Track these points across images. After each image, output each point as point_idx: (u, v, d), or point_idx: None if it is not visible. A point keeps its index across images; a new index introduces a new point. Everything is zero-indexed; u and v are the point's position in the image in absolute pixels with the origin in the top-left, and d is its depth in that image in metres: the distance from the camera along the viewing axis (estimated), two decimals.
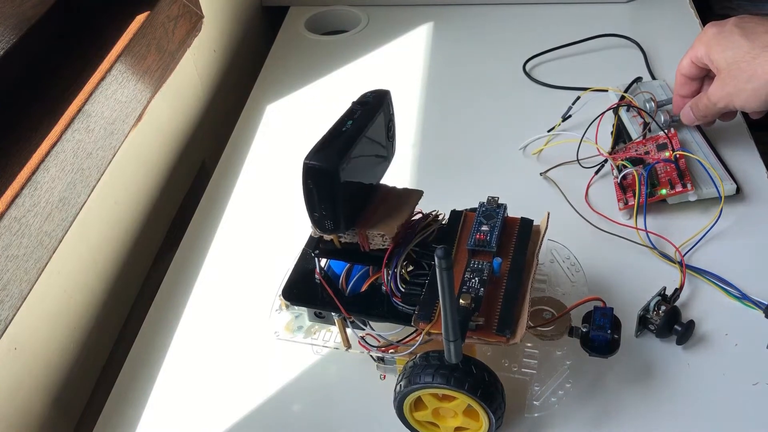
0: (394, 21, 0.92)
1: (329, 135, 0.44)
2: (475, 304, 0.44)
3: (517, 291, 0.46)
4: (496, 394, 0.44)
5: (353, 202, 0.46)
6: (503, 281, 0.46)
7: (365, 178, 0.47)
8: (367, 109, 0.46)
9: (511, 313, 0.45)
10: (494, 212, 0.50)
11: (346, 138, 0.44)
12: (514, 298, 0.45)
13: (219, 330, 0.57)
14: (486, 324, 0.44)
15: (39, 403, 0.53)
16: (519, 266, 0.47)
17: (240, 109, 0.80)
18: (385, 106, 0.47)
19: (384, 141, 0.48)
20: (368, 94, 0.47)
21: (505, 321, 0.44)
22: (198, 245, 0.65)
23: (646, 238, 0.59)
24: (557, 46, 0.83)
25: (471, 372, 0.43)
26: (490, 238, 0.48)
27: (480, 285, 0.46)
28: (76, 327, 0.58)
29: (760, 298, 0.54)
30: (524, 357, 0.49)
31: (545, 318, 0.50)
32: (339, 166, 0.42)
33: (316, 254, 0.49)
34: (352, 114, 0.46)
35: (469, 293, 0.45)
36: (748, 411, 0.48)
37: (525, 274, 0.47)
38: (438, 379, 0.43)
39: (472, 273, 0.47)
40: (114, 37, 0.65)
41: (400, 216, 0.47)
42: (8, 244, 0.48)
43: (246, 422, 0.51)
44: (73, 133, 0.56)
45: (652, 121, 0.66)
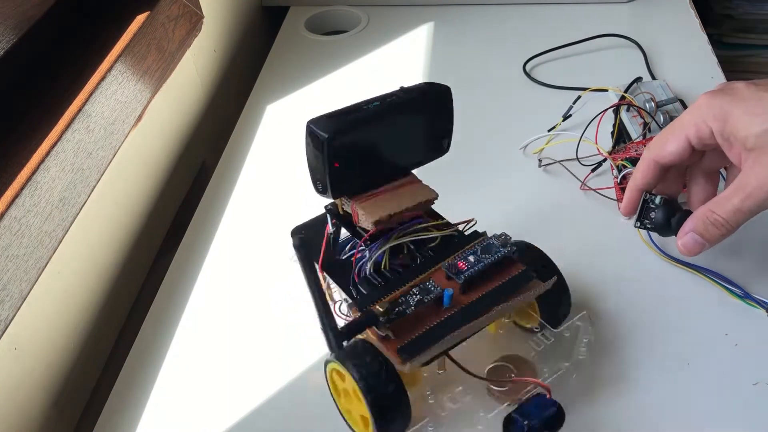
0: (394, 21, 0.92)
1: (347, 107, 0.45)
2: (396, 316, 0.43)
3: (453, 328, 0.43)
4: (392, 413, 0.43)
5: (356, 175, 0.46)
6: (448, 313, 0.44)
7: (384, 160, 0.47)
8: (406, 98, 0.46)
9: (424, 343, 0.42)
10: (495, 249, 0.46)
11: (360, 116, 0.44)
12: (442, 333, 0.43)
13: (219, 330, 0.57)
14: (396, 338, 0.42)
15: (39, 402, 0.53)
16: (479, 309, 0.44)
17: (240, 109, 0.80)
18: (432, 100, 0.47)
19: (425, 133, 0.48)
20: (422, 84, 0.47)
21: (412, 346, 0.42)
22: (198, 245, 0.65)
23: (647, 238, 0.59)
24: (557, 46, 0.83)
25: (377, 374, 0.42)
26: (467, 270, 0.45)
27: (415, 304, 0.44)
28: (76, 327, 0.58)
29: (763, 296, 0.54)
30: (448, 397, 0.46)
31: (505, 376, 0.46)
32: (333, 138, 0.43)
33: (327, 209, 0.50)
34: (388, 96, 0.46)
35: (397, 304, 0.43)
36: (748, 411, 0.48)
37: (476, 318, 0.44)
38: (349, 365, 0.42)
39: (419, 291, 0.44)
40: (114, 37, 0.65)
41: (391, 207, 0.47)
42: (8, 244, 0.48)
43: (246, 422, 0.51)
44: (73, 133, 0.56)
45: (652, 121, 0.66)
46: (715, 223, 0.48)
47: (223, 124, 0.81)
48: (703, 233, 0.49)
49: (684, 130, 0.49)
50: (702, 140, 0.49)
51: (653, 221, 0.52)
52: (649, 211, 0.51)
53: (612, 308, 0.55)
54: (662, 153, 0.51)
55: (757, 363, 0.51)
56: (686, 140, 0.49)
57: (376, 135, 0.45)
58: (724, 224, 0.48)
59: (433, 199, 0.49)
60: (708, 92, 0.49)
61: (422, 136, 0.48)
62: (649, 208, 0.51)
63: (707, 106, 0.48)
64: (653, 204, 0.52)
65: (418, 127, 0.47)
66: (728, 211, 0.47)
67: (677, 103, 0.70)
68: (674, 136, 0.50)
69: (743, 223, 0.48)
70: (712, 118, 0.47)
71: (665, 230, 0.52)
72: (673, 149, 0.50)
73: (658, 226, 0.52)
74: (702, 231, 0.49)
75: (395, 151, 0.48)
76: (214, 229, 0.66)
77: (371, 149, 0.46)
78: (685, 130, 0.49)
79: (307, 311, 0.53)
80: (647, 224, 0.53)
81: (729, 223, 0.47)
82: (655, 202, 0.53)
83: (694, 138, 0.49)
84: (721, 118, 0.47)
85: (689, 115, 0.49)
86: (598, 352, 0.52)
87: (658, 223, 0.52)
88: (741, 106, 0.46)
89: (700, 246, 0.50)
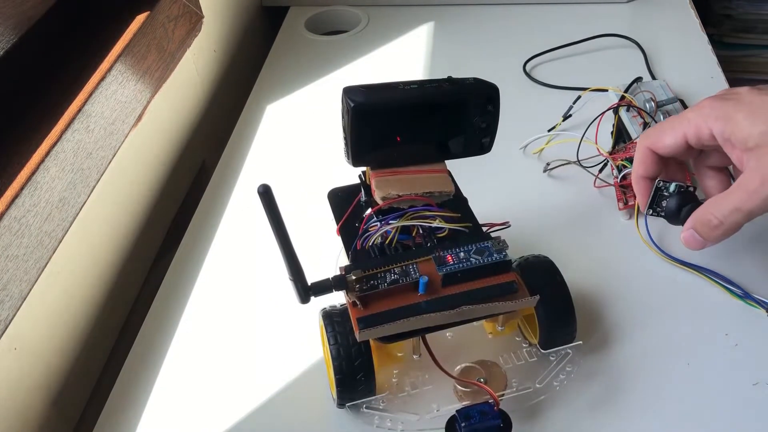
0: (394, 21, 0.92)
1: (386, 83, 0.46)
2: (368, 288, 0.43)
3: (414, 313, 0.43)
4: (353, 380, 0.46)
5: (377, 149, 0.47)
6: (420, 300, 0.44)
7: (412, 142, 0.48)
8: (447, 90, 0.46)
9: (384, 319, 0.43)
10: (488, 252, 0.45)
11: (393, 95, 0.45)
12: (403, 315, 0.43)
13: (219, 330, 0.57)
14: (363, 307, 0.44)
15: (39, 402, 0.53)
16: (449, 305, 0.44)
17: (240, 109, 0.80)
18: (476, 97, 0.47)
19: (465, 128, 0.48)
20: (470, 79, 0.47)
21: (372, 318, 0.43)
22: (198, 245, 0.65)
23: (647, 238, 0.59)
24: (557, 46, 0.83)
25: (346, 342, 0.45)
26: (452, 265, 0.45)
27: (390, 283, 0.44)
28: (76, 327, 0.58)
29: (763, 296, 0.54)
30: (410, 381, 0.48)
31: (474, 378, 0.47)
32: (358, 108, 0.44)
33: (360, 177, 0.50)
34: (429, 83, 0.46)
35: (375, 278, 0.44)
36: (748, 411, 0.48)
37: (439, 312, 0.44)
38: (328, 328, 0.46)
39: (400, 272, 0.45)
40: (114, 37, 0.65)
41: (404, 188, 0.47)
42: (8, 244, 0.48)
43: (246, 422, 0.51)
44: (73, 133, 0.56)
45: (652, 121, 0.66)
46: (710, 224, 0.48)
47: (223, 124, 0.81)
48: (702, 233, 0.49)
49: (683, 127, 0.50)
50: (700, 140, 0.49)
51: (665, 209, 0.51)
52: (661, 198, 0.51)
53: (611, 308, 0.55)
54: (657, 144, 0.51)
55: (757, 363, 0.51)
56: (683, 137, 0.50)
57: (405, 117, 0.46)
58: (719, 226, 0.48)
59: (448, 192, 0.48)
60: (711, 97, 0.49)
61: (460, 130, 0.48)
62: (662, 195, 0.51)
63: (710, 108, 0.48)
64: (666, 192, 0.52)
65: (456, 120, 0.48)
66: (726, 212, 0.47)
67: (677, 103, 0.70)
68: (673, 131, 0.50)
69: (743, 223, 0.47)
70: (714, 119, 0.47)
71: (676, 219, 0.52)
72: (669, 143, 0.50)
73: (669, 213, 0.51)
74: (700, 230, 0.49)
75: (426, 137, 0.48)
76: (214, 229, 0.66)
77: (398, 129, 0.46)
78: (684, 128, 0.49)
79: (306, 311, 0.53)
80: (659, 211, 0.53)
81: (724, 224, 0.47)
82: (669, 190, 0.52)
83: (693, 137, 0.49)
84: (722, 120, 0.47)
85: (691, 113, 0.49)
86: (597, 352, 0.52)
87: (669, 211, 0.51)
88: (743, 109, 0.46)
89: (701, 243, 0.50)
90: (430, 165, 0.49)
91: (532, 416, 0.49)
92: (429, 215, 0.48)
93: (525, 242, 0.56)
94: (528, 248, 0.55)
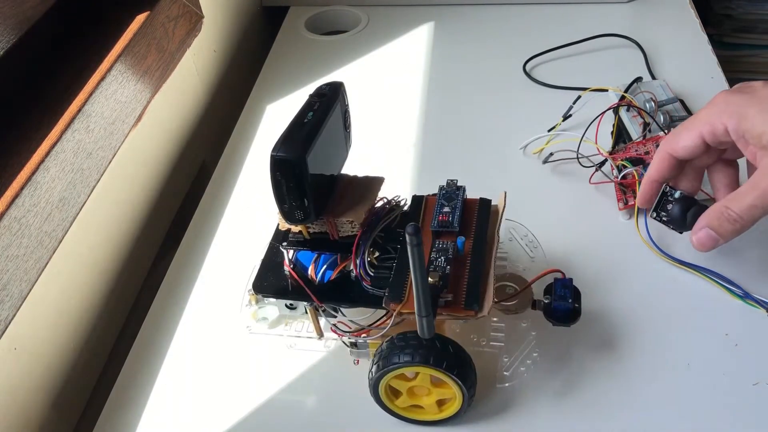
0: (394, 21, 0.92)
1: (292, 127, 0.45)
2: (443, 281, 0.45)
3: (481, 267, 0.47)
4: (468, 369, 0.46)
5: (320, 191, 0.47)
6: (467, 259, 0.48)
7: (328, 169, 0.48)
8: (325, 101, 0.47)
9: (477, 289, 0.46)
10: (454, 194, 0.51)
11: (309, 129, 0.44)
12: (479, 274, 0.47)
13: (219, 330, 0.57)
14: (454, 300, 0.45)
15: (39, 403, 0.53)
16: (481, 244, 0.48)
17: (240, 109, 0.80)
18: (341, 97, 0.48)
19: (342, 131, 0.49)
20: (324, 87, 0.48)
21: (473, 296, 0.45)
22: (198, 245, 0.65)
23: (648, 238, 0.59)
24: (557, 46, 0.83)
25: (444, 349, 0.45)
26: (452, 218, 0.49)
27: (446, 263, 0.47)
28: (76, 327, 0.58)
29: (763, 296, 0.54)
30: (492, 331, 0.51)
31: (508, 293, 0.52)
32: (305, 156, 0.43)
33: (285, 246, 0.50)
34: (311, 106, 0.46)
35: (437, 271, 0.46)
36: (748, 411, 0.48)
37: (487, 251, 0.48)
38: (417, 358, 0.44)
39: (438, 253, 0.48)
40: (114, 37, 0.65)
41: (366, 202, 0.48)
42: (8, 244, 0.48)
43: (246, 422, 0.51)
44: (73, 133, 0.56)
45: (652, 121, 0.66)
46: (729, 219, 0.48)
47: (223, 124, 0.81)
48: (717, 229, 0.49)
49: (699, 125, 0.49)
50: (716, 137, 0.49)
51: (669, 214, 0.52)
52: (666, 203, 0.52)
53: (611, 309, 0.55)
54: (675, 146, 0.51)
55: (757, 363, 0.51)
56: (700, 136, 0.50)
57: (326, 143, 0.46)
58: (738, 220, 0.48)
59: (382, 180, 0.50)
60: (725, 91, 0.49)
61: (342, 134, 0.49)
62: (668, 200, 0.51)
63: (724, 103, 0.48)
64: (672, 198, 0.52)
65: (339, 126, 0.49)
66: (743, 208, 0.47)
67: (677, 103, 0.70)
68: (688, 131, 0.50)
69: (758, 219, 0.48)
70: (728, 115, 0.47)
71: (679, 225, 0.52)
72: (686, 143, 0.50)
73: (674, 219, 0.52)
74: (716, 227, 0.49)
75: (335, 155, 0.49)
76: (214, 229, 0.66)
77: (325, 159, 0.47)
78: (700, 126, 0.49)
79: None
80: (663, 216, 0.53)
81: (743, 219, 0.47)
82: (674, 196, 0.53)
83: (708, 134, 0.49)
84: (737, 115, 0.47)
85: (705, 111, 0.49)
86: (597, 352, 0.52)
87: (673, 217, 0.52)
88: (758, 105, 0.46)
89: (714, 241, 0.50)
90: (342, 183, 0.50)
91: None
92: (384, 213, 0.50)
93: (525, 242, 0.57)
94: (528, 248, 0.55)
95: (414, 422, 0.49)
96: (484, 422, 0.49)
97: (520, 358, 0.51)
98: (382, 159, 0.71)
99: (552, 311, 0.49)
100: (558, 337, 0.52)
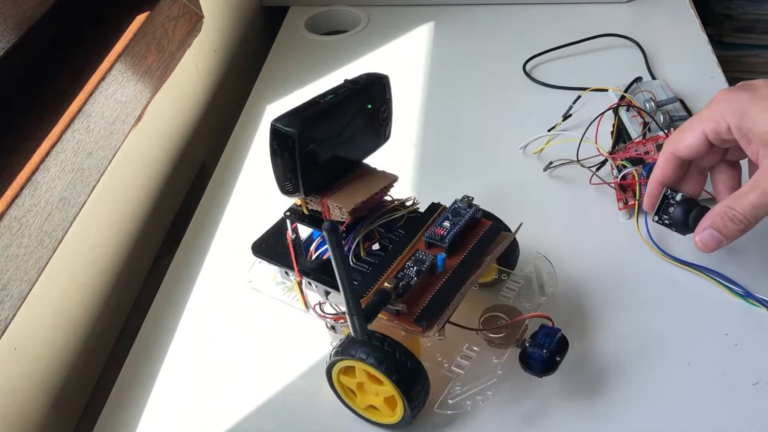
0: (394, 21, 0.92)
1: (305, 103, 0.46)
2: (402, 291, 0.45)
3: (454, 289, 0.47)
4: (413, 377, 0.45)
5: (321, 170, 0.47)
6: (444, 277, 0.47)
7: (342, 152, 0.48)
8: (355, 88, 0.47)
9: (436, 308, 0.45)
10: (463, 211, 0.50)
11: (319, 109, 0.45)
12: (448, 294, 0.46)
13: (219, 330, 0.57)
14: (408, 311, 0.45)
15: (39, 403, 0.53)
16: (467, 266, 0.48)
17: (240, 109, 0.80)
18: (377, 89, 0.48)
19: (372, 122, 0.49)
20: (363, 75, 0.48)
21: (427, 313, 0.45)
22: (198, 245, 0.65)
23: (647, 238, 0.59)
24: (557, 46, 0.83)
25: (389, 353, 0.44)
26: (447, 234, 0.49)
27: (416, 275, 0.47)
28: (76, 327, 0.58)
29: (765, 295, 0.54)
30: (459, 356, 0.48)
31: (499, 324, 0.49)
32: (302, 132, 0.43)
33: (286, 215, 0.51)
34: (338, 89, 0.47)
35: (400, 279, 0.46)
36: (748, 411, 0.48)
37: (468, 276, 0.47)
38: (361, 354, 0.44)
39: (413, 262, 0.48)
40: (114, 37, 0.65)
41: (362, 194, 0.48)
42: (8, 244, 0.48)
43: (246, 422, 0.51)
44: (73, 133, 0.56)
45: (652, 121, 0.66)
46: (733, 219, 0.48)
47: (223, 124, 0.81)
48: (721, 229, 0.49)
49: (701, 124, 0.49)
50: (719, 135, 0.49)
51: (671, 217, 0.52)
52: (668, 206, 0.52)
53: (611, 308, 0.55)
54: (679, 146, 0.51)
55: (757, 363, 0.51)
56: (703, 134, 0.49)
57: (337, 127, 0.47)
58: (742, 220, 0.48)
59: (394, 182, 0.50)
60: (727, 89, 0.49)
61: (370, 125, 0.49)
62: (669, 203, 0.52)
63: (726, 101, 0.48)
64: (673, 200, 0.53)
65: (366, 116, 0.49)
66: (746, 207, 0.47)
67: (677, 102, 0.70)
68: (692, 130, 0.50)
69: (762, 218, 0.48)
70: (730, 113, 0.47)
71: (682, 228, 0.52)
72: (689, 142, 0.50)
73: (676, 222, 0.52)
74: (720, 227, 0.49)
75: (351, 142, 0.49)
76: (214, 229, 0.66)
77: (334, 142, 0.47)
78: (702, 124, 0.49)
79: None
80: (665, 219, 0.53)
81: (747, 218, 0.47)
82: (675, 199, 0.53)
83: (711, 133, 0.49)
84: (739, 113, 0.47)
85: (707, 109, 0.49)
86: (596, 352, 0.52)
87: (676, 220, 0.52)
88: (760, 103, 0.46)
89: (718, 242, 0.50)
90: (357, 170, 0.50)
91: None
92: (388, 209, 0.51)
93: (525, 242, 0.56)
94: (528, 248, 0.55)
95: (373, 423, 0.49)
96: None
97: (472, 391, 0.47)
98: (382, 159, 0.71)
99: (525, 356, 0.47)
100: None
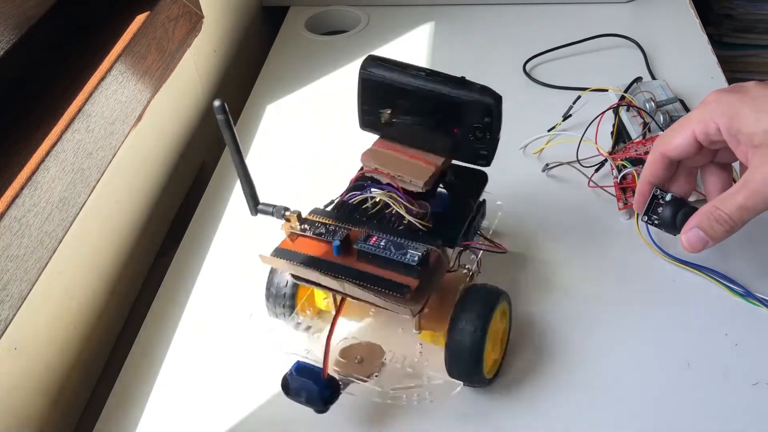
0: (394, 21, 0.92)
1: (404, 63, 0.51)
2: (301, 228, 0.49)
3: (314, 266, 0.47)
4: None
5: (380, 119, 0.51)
6: (327, 258, 0.48)
7: (415, 127, 0.51)
8: (448, 87, 0.49)
9: (289, 257, 0.48)
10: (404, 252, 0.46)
11: (398, 74, 0.50)
12: (303, 261, 0.48)
13: (219, 330, 0.57)
14: (291, 242, 0.49)
15: (39, 403, 0.53)
16: (338, 270, 0.47)
17: (240, 109, 0.80)
18: (473, 102, 0.48)
19: (461, 130, 0.50)
20: (477, 86, 0.49)
21: (284, 252, 0.48)
22: (198, 245, 0.65)
23: (648, 238, 0.59)
24: (557, 46, 0.83)
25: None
26: (369, 246, 0.47)
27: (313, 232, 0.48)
28: (76, 327, 0.58)
29: (765, 294, 0.54)
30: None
31: (356, 356, 0.50)
32: (364, 73, 0.50)
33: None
34: (441, 76, 0.49)
35: (306, 223, 0.49)
36: (748, 411, 0.48)
37: (333, 277, 0.46)
38: None
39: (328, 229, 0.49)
40: (114, 37, 0.65)
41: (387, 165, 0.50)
42: (8, 244, 0.48)
43: (246, 422, 0.51)
44: (73, 133, 0.56)
45: (651, 121, 0.66)
46: (719, 220, 0.48)
47: None
48: (707, 230, 0.49)
49: (691, 124, 0.49)
50: (708, 136, 0.49)
51: (660, 217, 0.52)
52: (657, 206, 0.52)
53: (611, 308, 0.55)
54: (668, 146, 0.51)
55: (757, 363, 0.51)
56: (692, 135, 0.49)
57: (408, 98, 0.50)
58: (728, 221, 0.47)
59: (417, 183, 0.50)
60: (717, 90, 0.49)
61: (459, 131, 0.50)
62: (658, 203, 0.52)
63: (716, 102, 0.48)
64: (663, 200, 0.53)
65: (454, 119, 0.49)
66: (733, 208, 0.47)
67: (677, 103, 0.70)
68: (681, 130, 0.50)
69: (748, 220, 0.47)
70: (720, 114, 0.47)
71: (671, 228, 0.52)
72: (678, 143, 0.50)
73: (665, 222, 0.52)
74: (706, 227, 0.49)
75: (427, 126, 0.51)
76: (214, 229, 0.66)
77: (399, 107, 0.50)
78: (692, 125, 0.49)
79: None
80: (654, 219, 0.53)
81: (733, 220, 0.47)
82: (665, 199, 0.53)
83: (701, 134, 0.49)
84: (729, 114, 0.47)
85: (698, 110, 0.49)
86: (596, 352, 0.52)
87: (665, 220, 0.52)
88: (750, 104, 0.46)
89: (704, 243, 0.49)
90: (430, 155, 0.51)
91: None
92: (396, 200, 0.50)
93: (525, 243, 0.56)
94: (527, 248, 0.55)
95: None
96: None
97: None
98: None
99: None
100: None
